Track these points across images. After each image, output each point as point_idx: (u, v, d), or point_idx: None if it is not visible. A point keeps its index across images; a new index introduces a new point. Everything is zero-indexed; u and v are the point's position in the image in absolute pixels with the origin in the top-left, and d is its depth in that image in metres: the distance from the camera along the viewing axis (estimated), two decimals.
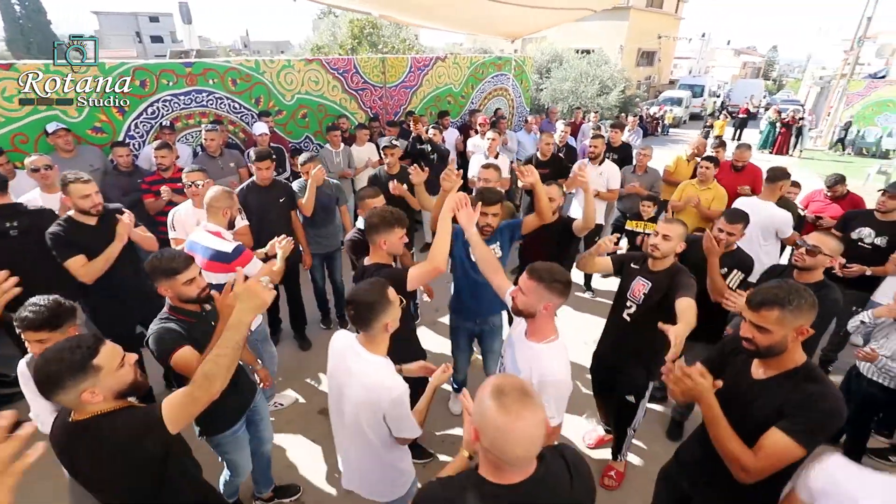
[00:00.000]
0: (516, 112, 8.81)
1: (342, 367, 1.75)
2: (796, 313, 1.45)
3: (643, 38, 24.48)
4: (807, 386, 1.46)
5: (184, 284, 1.87)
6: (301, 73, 5.75)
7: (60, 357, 1.26)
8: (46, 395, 1.27)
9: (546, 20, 6.94)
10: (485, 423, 1.05)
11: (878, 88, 14.33)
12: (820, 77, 23.47)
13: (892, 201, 3.34)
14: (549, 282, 1.69)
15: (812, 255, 2.34)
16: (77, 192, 2.64)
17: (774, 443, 1.42)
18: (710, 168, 4.20)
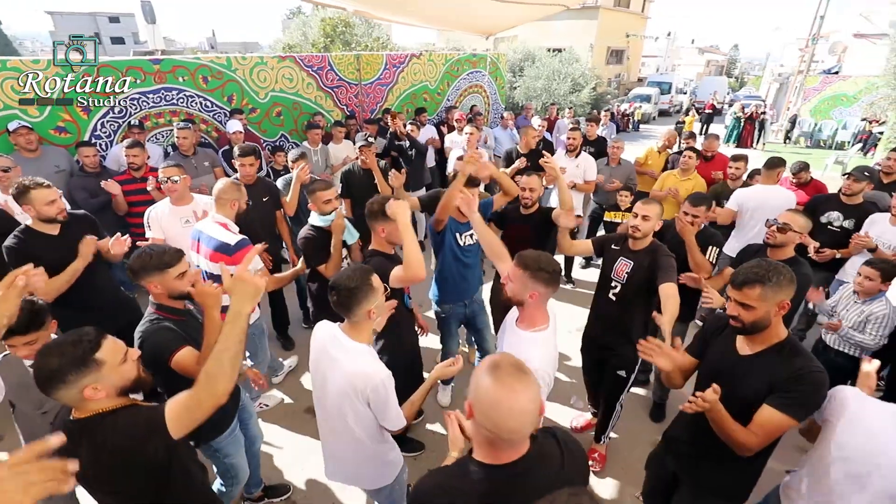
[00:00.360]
0: (492, 109, 8.88)
1: (324, 357, 1.73)
2: (776, 289, 1.54)
3: (612, 36, 25.05)
4: (793, 360, 1.55)
5: (175, 279, 1.81)
6: (275, 71, 5.65)
7: (61, 351, 1.22)
8: (47, 391, 1.22)
9: (520, 16, 7.00)
10: (480, 398, 1.07)
11: (833, 83, 15.07)
12: (779, 74, 24.52)
13: (856, 184, 3.52)
14: (534, 270, 1.70)
15: (783, 231, 2.47)
16: (41, 198, 2.40)
17: (770, 418, 1.51)
18: (693, 158, 4.38)
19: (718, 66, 48.93)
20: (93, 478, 1.28)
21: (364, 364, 1.65)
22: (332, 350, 1.71)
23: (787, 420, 1.50)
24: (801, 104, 15.43)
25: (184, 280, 1.84)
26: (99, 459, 1.24)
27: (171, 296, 1.84)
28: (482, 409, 1.06)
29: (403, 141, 5.41)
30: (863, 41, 16.15)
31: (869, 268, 2.68)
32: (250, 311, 1.35)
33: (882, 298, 2.70)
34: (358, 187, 4.20)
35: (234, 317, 1.31)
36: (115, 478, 1.27)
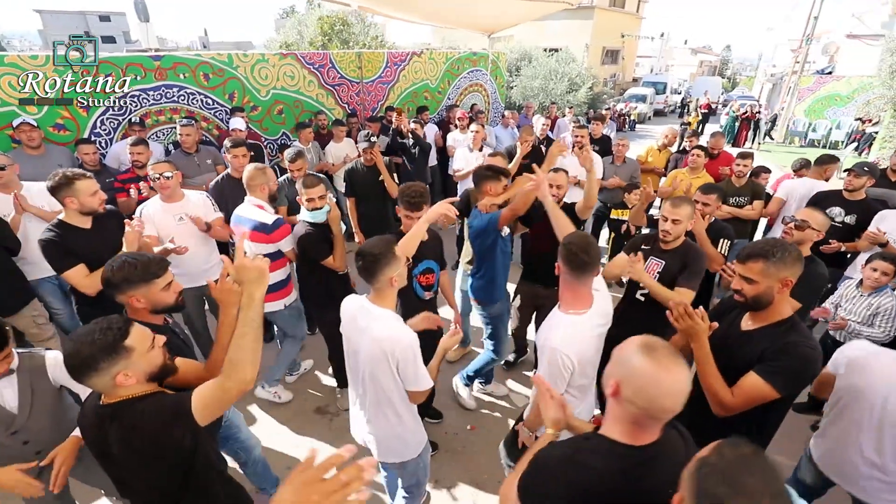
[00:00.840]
0: (492, 108, 8.86)
1: (354, 328, 1.81)
2: (779, 265, 1.57)
3: (607, 36, 25.15)
4: (788, 334, 1.59)
5: (162, 290, 1.69)
6: (276, 68, 5.58)
7: (92, 339, 1.23)
8: (79, 379, 1.25)
9: (522, 14, 6.99)
10: (635, 375, 1.07)
11: (826, 83, 15.21)
12: (771, 74, 24.75)
13: (857, 180, 3.55)
14: (563, 244, 1.76)
15: (801, 229, 2.46)
16: (85, 189, 2.37)
17: (751, 384, 1.56)
18: (701, 157, 4.43)
19: (711, 66, 49.36)
20: (122, 461, 1.30)
21: (391, 328, 1.73)
22: (360, 320, 1.78)
23: (768, 388, 1.53)
24: (794, 104, 15.57)
25: (169, 291, 1.71)
26: (129, 443, 1.27)
27: (155, 310, 1.71)
28: (637, 386, 1.06)
29: (407, 139, 5.38)
30: (855, 42, 16.32)
31: (884, 262, 2.68)
32: (262, 294, 1.37)
33: (887, 290, 2.71)
34: (362, 185, 4.16)
35: (247, 302, 1.34)
36: (143, 461, 1.29)
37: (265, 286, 1.38)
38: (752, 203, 4.07)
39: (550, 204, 2.32)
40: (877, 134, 11.11)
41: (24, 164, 3.73)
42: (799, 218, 2.48)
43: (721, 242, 2.90)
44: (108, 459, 1.33)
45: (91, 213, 2.46)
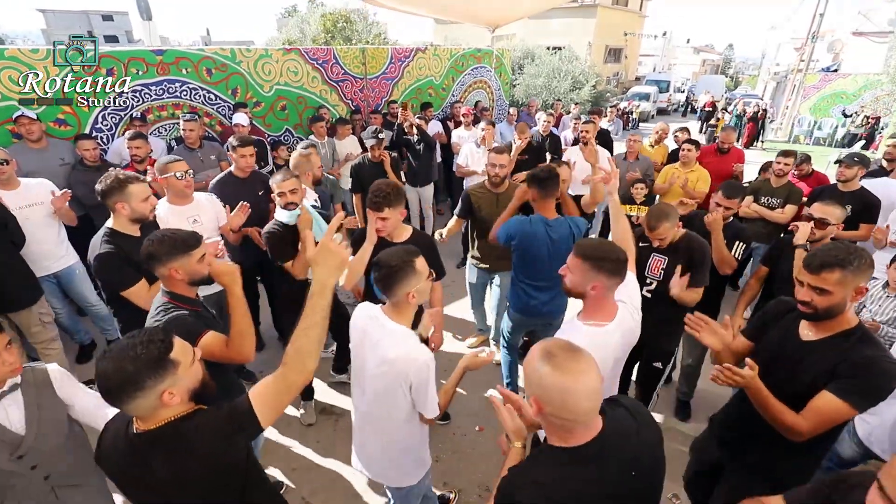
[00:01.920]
0: (496, 105, 8.79)
1: (365, 339, 1.69)
2: (857, 273, 1.44)
3: (610, 35, 25.07)
4: (861, 347, 1.46)
5: (198, 261, 1.74)
6: (279, 64, 5.52)
7: (135, 354, 1.09)
8: (120, 401, 1.10)
9: (527, 7, 6.93)
10: (545, 389, 1.06)
11: (832, 81, 15.11)
12: (775, 73, 24.61)
13: (848, 170, 3.53)
14: (595, 260, 1.56)
15: (822, 227, 2.40)
16: (139, 193, 2.20)
17: (827, 404, 1.42)
18: (692, 150, 4.35)
19: (714, 65, 49.19)
20: (174, 494, 1.15)
21: (407, 346, 1.61)
22: (372, 331, 1.66)
23: (846, 408, 1.40)
24: (799, 102, 15.46)
25: (203, 263, 1.77)
26: (185, 471, 1.13)
27: (192, 281, 1.76)
28: (551, 399, 1.06)
29: (411, 135, 5.31)
30: (861, 39, 16.20)
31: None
32: (334, 283, 1.26)
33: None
34: (369, 181, 4.07)
35: (319, 289, 1.23)
36: (200, 488, 1.16)
37: (340, 275, 1.28)
38: (785, 207, 3.82)
39: (615, 204, 2.17)
40: (884, 129, 11.02)
41: (25, 158, 3.70)
42: (817, 216, 2.44)
43: (736, 245, 2.79)
44: (153, 494, 1.17)
45: (142, 220, 2.27)
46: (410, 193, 5.63)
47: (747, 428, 1.68)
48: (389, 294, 1.62)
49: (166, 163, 2.70)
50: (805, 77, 15.46)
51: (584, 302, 1.68)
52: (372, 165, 4.08)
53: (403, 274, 1.58)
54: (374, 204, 2.20)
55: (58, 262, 3.28)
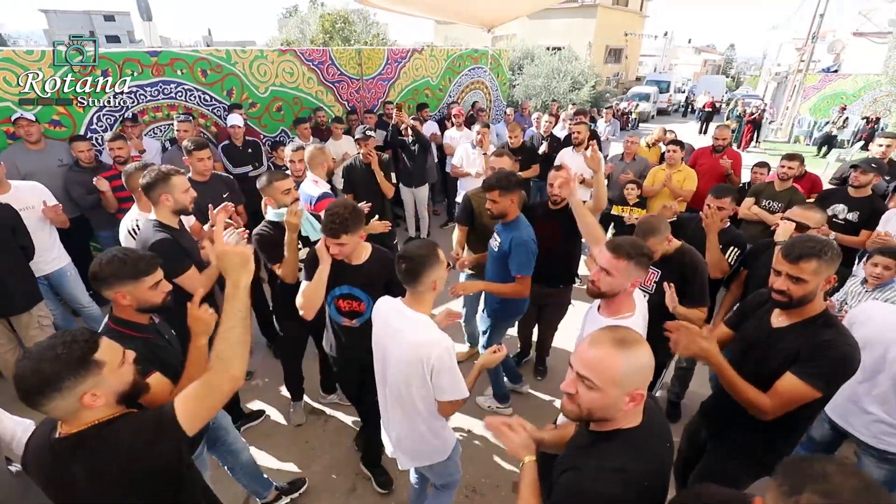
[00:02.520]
0: (493, 105, 8.79)
1: (386, 331, 1.75)
2: (829, 263, 1.53)
3: (610, 35, 25.05)
4: (823, 331, 1.54)
5: (150, 289, 1.62)
6: (275, 65, 5.53)
7: (55, 354, 1.06)
8: (35, 403, 1.05)
9: (522, 7, 6.92)
10: (637, 373, 1.10)
11: (833, 82, 15.08)
12: (776, 73, 24.56)
13: (864, 176, 3.50)
14: (637, 257, 1.64)
15: (801, 230, 2.40)
16: (181, 185, 2.27)
17: (789, 386, 1.52)
18: (677, 152, 4.39)
19: (715, 65, 49.10)
20: (93, 500, 1.12)
21: (428, 333, 1.66)
22: (394, 322, 1.72)
23: (807, 389, 1.49)
24: (800, 102, 15.43)
25: (157, 290, 1.64)
26: (103, 475, 1.10)
27: (141, 308, 1.64)
28: (644, 380, 1.11)
29: (406, 136, 5.32)
30: (861, 39, 16.16)
31: (882, 256, 2.60)
32: (247, 282, 1.27)
33: (893, 285, 2.64)
34: (360, 182, 4.10)
35: (232, 291, 1.25)
36: (122, 494, 1.12)
37: (251, 273, 1.30)
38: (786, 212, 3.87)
39: (576, 203, 2.22)
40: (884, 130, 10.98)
41: (24, 160, 3.74)
42: (796, 219, 2.46)
43: (731, 250, 2.79)
44: (76, 500, 1.13)
45: (182, 212, 2.35)
46: (406, 194, 5.66)
47: (729, 409, 1.75)
48: (416, 283, 1.67)
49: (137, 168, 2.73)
50: (805, 77, 15.44)
51: (612, 300, 1.72)
52: (364, 166, 4.09)
53: (430, 262, 1.65)
54: (330, 231, 2.01)
55: (49, 265, 3.30)
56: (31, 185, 3.22)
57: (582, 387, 1.10)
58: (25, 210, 3.06)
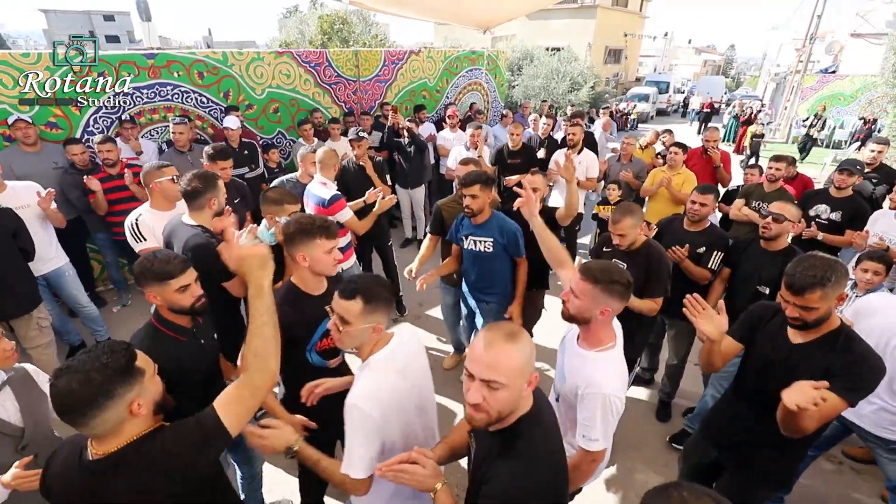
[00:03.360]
0: (491, 106, 8.81)
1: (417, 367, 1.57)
2: (836, 287, 1.54)
3: (610, 36, 25.05)
4: (852, 346, 1.57)
5: (176, 291, 1.61)
6: (272, 67, 5.56)
7: (101, 363, 1.04)
8: (85, 416, 1.02)
9: (517, 8, 6.93)
10: (470, 346, 1.16)
11: (830, 83, 15.10)
12: (775, 73, 24.59)
13: (850, 178, 3.55)
14: (606, 283, 1.52)
15: (778, 222, 2.48)
16: (223, 189, 2.42)
17: (829, 402, 1.49)
18: (679, 154, 4.39)
19: (715, 65, 49.10)
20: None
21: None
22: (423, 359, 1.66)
23: (843, 403, 1.51)
24: (798, 103, 15.44)
25: (186, 294, 1.63)
26: (150, 492, 1.07)
27: (172, 310, 1.66)
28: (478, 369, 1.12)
29: (402, 137, 5.35)
30: (859, 40, 16.17)
31: (872, 262, 2.63)
32: (269, 280, 1.30)
33: (883, 289, 2.66)
34: (353, 184, 4.11)
35: (256, 291, 1.27)
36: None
37: (271, 271, 1.31)
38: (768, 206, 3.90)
39: (539, 225, 2.09)
40: (880, 132, 11.01)
41: (20, 162, 3.76)
42: (775, 211, 2.52)
43: (714, 255, 2.81)
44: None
45: (219, 214, 2.40)
46: (402, 195, 5.67)
47: (748, 431, 1.77)
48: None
49: (159, 167, 2.64)
50: (803, 78, 15.46)
51: (588, 328, 1.62)
52: (357, 168, 4.11)
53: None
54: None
55: (47, 265, 3.32)
56: (26, 185, 3.25)
57: (488, 391, 1.08)
58: (22, 208, 3.09)
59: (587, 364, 1.59)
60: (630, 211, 2.43)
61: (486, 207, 2.73)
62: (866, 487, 2.69)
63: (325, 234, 1.79)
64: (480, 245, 2.79)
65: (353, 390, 1.37)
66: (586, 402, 1.53)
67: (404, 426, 1.47)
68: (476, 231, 2.80)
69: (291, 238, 1.79)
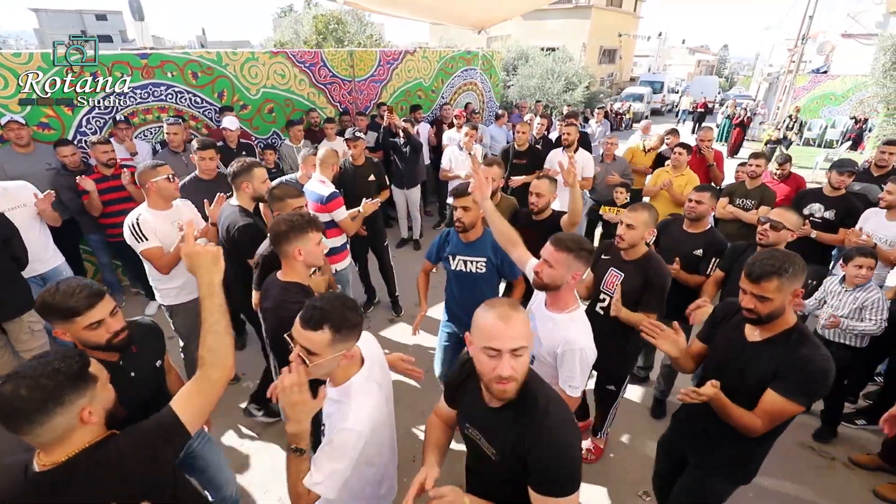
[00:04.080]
0: (486, 107, 8.83)
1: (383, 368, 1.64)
2: (792, 279, 1.54)
3: (604, 36, 25.16)
4: (799, 348, 1.54)
5: (86, 329, 1.40)
6: (266, 67, 5.54)
7: (53, 369, 1.01)
8: (30, 422, 0.98)
9: (511, 9, 6.95)
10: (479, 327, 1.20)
11: (822, 83, 15.24)
12: (768, 73, 24.78)
13: (840, 177, 3.59)
14: (577, 251, 1.70)
15: (776, 230, 2.46)
16: (261, 175, 2.73)
17: (773, 403, 1.53)
18: (683, 154, 4.38)
19: (709, 65, 49.44)
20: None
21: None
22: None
23: (790, 405, 1.51)
24: (790, 103, 15.56)
25: (99, 330, 1.42)
26: (106, 499, 1.03)
27: (87, 346, 1.45)
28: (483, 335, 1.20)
29: (398, 137, 5.35)
30: (850, 41, 16.33)
31: (863, 257, 2.67)
32: (220, 279, 1.32)
33: (871, 284, 2.70)
34: (350, 183, 4.12)
35: (207, 290, 1.30)
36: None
37: (221, 271, 1.33)
38: (759, 208, 3.88)
39: (489, 209, 2.13)
40: (870, 132, 11.13)
41: (13, 163, 3.74)
42: (774, 218, 2.49)
43: (711, 263, 2.82)
44: None
45: (259, 200, 2.76)
46: (398, 196, 5.68)
47: (708, 423, 1.76)
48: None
49: (153, 167, 2.63)
50: (795, 78, 15.58)
51: (557, 293, 1.78)
52: (353, 167, 4.11)
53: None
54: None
55: (44, 265, 3.31)
56: (21, 184, 3.24)
57: (514, 360, 1.17)
58: (17, 209, 3.08)
59: (560, 326, 1.76)
60: (649, 208, 2.38)
61: (479, 223, 2.47)
62: (857, 482, 2.72)
63: (315, 226, 1.89)
64: (471, 265, 2.49)
65: (346, 418, 1.32)
66: (567, 359, 1.73)
67: (389, 432, 1.58)
68: (466, 250, 2.49)
69: (286, 235, 1.83)
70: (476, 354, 1.22)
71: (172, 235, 2.68)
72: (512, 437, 1.24)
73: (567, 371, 1.75)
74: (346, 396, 1.38)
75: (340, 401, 1.39)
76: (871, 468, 2.78)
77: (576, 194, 2.70)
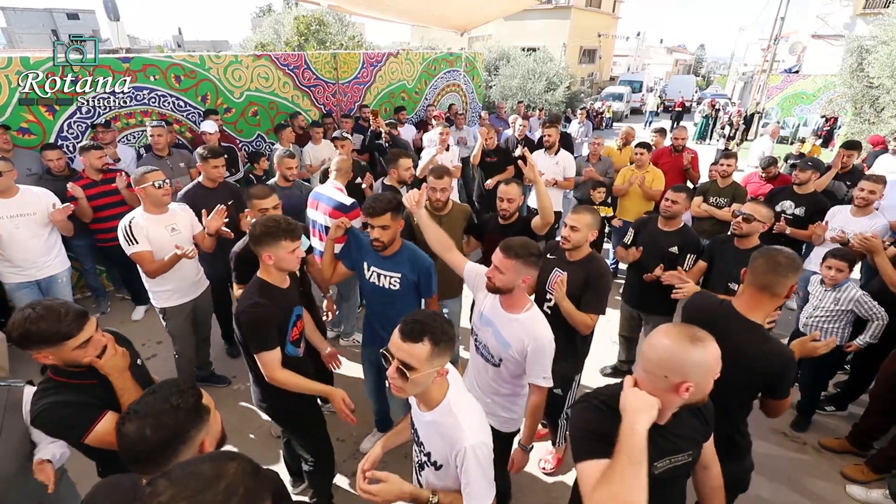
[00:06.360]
0: (469, 108, 8.92)
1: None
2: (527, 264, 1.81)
3: (584, 36, 25.50)
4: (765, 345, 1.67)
5: (75, 350, 1.40)
6: (250, 70, 5.53)
7: (172, 406, 0.99)
8: (157, 465, 0.94)
9: (493, 12, 7.05)
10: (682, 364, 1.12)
11: (794, 82, 15.73)
12: (743, 73, 25.46)
13: (802, 174, 3.80)
14: (525, 256, 1.78)
15: (748, 222, 2.63)
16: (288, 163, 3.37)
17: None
18: (644, 154, 4.59)
19: (686, 65, 50.45)
20: None
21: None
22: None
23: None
24: (765, 102, 16.04)
25: (88, 348, 1.43)
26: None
27: (68, 365, 1.46)
28: (692, 374, 1.15)
29: (384, 140, 5.39)
30: (820, 42, 16.90)
31: (835, 259, 2.80)
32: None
33: (849, 283, 2.83)
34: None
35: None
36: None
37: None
38: (731, 205, 4.03)
39: (423, 217, 2.21)
40: (840, 129, 11.56)
41: None
42: (746, 211, 2.66)
43: (687, 258, 2.95)
44: None
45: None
46: None
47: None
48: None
49: (143, 173, 2.66)
50: (769, 77, 16.06)
51: (510, 295, 1.86)
52: None
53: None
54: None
55: (42, 271, 3.30)
56: (42, 191, 3.25)
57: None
58: (27, 216, 3.11)
59: (525, 325, 1.84)
60: (592, 210, 2.42)
61: (398, 239, 2.31)
62: (826, 465, 2.88)
63: (289, 236, 1.91)
64: (385, 280, 2.34)
65: (464, 437, 1.30)
66: (538, 354, 1.82)
67: None
68: (382, 263, 2.33)
69: (258, 239, 1.91)
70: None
71: (166, 240, 2.71)
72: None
73: (539, 366, 1.84)
74: (449, 416, 1.35)
75: (441, 422, 1.35)
76: (839, 451, 2.95)
77: (541, 191, 2.60)
